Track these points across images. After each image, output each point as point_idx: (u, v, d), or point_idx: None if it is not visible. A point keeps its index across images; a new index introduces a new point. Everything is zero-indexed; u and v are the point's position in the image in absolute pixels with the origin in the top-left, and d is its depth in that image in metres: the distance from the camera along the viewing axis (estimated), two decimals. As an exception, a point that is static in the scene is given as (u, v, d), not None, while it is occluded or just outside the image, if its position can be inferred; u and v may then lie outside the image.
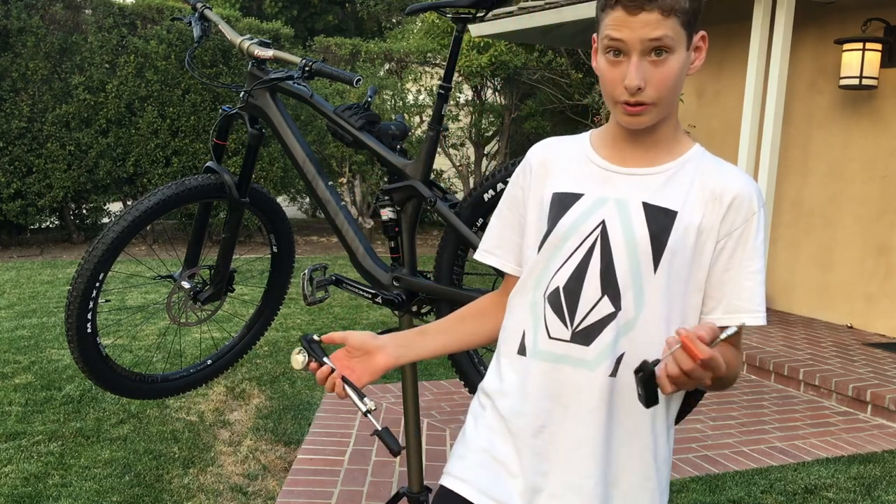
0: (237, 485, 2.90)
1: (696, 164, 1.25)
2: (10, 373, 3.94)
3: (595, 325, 1.21)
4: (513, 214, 1.36)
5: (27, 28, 7.60)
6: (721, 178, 1.23)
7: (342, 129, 2.56)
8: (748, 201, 1.22)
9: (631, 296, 1.20)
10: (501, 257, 1.38)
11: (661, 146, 1.26)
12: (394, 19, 16.38)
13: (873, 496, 3.04)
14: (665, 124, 1.24)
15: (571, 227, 1.25)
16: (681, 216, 1.21)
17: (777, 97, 5.34)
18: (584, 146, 1.32)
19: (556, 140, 1.36)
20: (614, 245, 1.22)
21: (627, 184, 1.24)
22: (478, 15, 2.35)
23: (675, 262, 1.20)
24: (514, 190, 1.37)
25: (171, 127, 8.33)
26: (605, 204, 1.24)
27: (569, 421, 1.23)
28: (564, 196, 1.28)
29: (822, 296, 5.82)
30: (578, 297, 1.22)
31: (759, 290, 1.22)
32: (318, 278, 2.60)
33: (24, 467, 2.92)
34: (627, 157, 1.26)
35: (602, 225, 1.23)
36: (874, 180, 5.47)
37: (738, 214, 1.22)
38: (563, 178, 1.30)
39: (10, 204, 7.72)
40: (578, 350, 1.22)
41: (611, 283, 1.21)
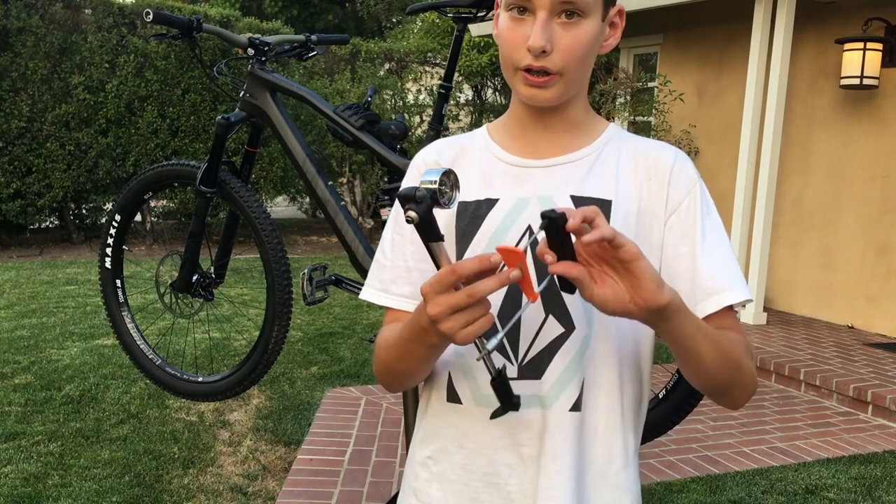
0: (237, 485, 2.89)
1: (616, 143, 1.09)
2: (10, 373, 3.93)
3: (544, 353, 1.02)
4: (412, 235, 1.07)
5: (27, 28, 7.59)
6: (649, 151, 1.08)
7: (342, 128, 2.56)
8: (684, 170, 1.07)
9: (580, 309, 1.02)
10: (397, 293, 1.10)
11: (576, 130, 1.09)
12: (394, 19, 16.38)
13: (874, 496, 3.03)
14: (575, 105, 1.08)
15: (493, 240, 1.03)
16: (616, 204, 1.04)
17: (778, 97, 5.33)
18: (484, 142, 1.12)
19: (447, 141, 1.15)
20: None
21: (548, 177, 1.06)
22: (478, 14, 2.35)
23: None
24: None
25: (171, 127, 8.33)
26: (526, 206, 1.04)
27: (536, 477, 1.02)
28: (475, 204, 1.06)
29: (823, 296, 5.82)
30: (518, 323, 1.03)
31: (725, 262, 1.03)
32: (318, 278, 2.60)
33: (24, 467, 2.91)
34: (540, 148, 1.08)
35: (529, 231, 1.03)
36: (875, 180, 5.46)
37: (678, 188, 1.06)
38: (468, 182, 1.06)
39: (9, 204, 7.72)
40: (531, 386, 1.02)
41: (554, 298, 1.02)
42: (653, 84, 7.11)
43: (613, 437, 1.05)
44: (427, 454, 1.10)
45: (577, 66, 1.01)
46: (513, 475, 1.04)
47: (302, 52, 2.87)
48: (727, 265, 1.03)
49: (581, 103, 1.09)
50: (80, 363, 4.11)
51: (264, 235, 2.68)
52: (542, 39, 0.98)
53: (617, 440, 1.05)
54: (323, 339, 4.83)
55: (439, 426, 1.09)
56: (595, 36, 1.02)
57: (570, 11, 0.99)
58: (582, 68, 1.03)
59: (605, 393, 1.04)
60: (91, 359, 4.19)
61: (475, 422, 1.05)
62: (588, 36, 1.01)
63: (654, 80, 7.08)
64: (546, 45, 0.98)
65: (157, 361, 3.12)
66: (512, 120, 1.11)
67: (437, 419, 1.09)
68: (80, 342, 4.52)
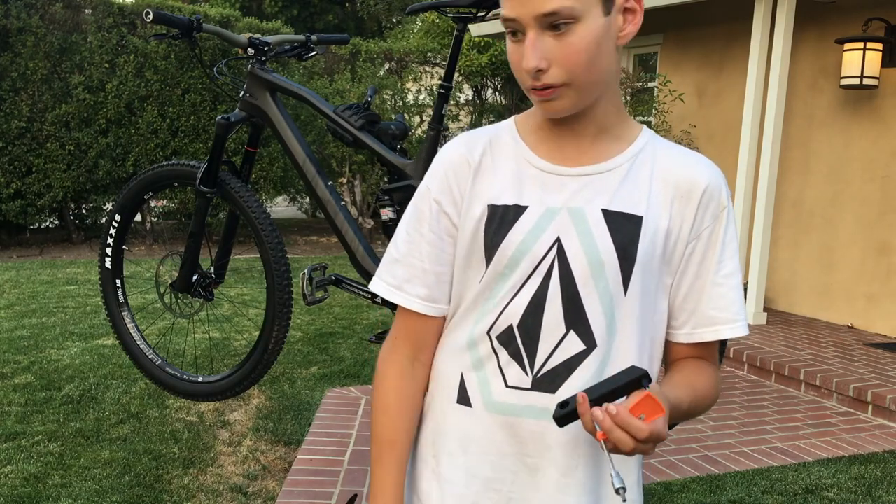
0: (237, 485, 2.89)
1: (651, 152, 1.05)
2: (10, 373, 3.93)
3: (561, 368, 1.00)
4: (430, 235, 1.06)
5: (27, 28, 7.59)
6: (684, 169, 1.03)
7: (342, 128, 2.56)
8: (717, 195, 1.03)
9: (603, 327, 1.00)
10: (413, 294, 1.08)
11: (608, 135, 1.04)
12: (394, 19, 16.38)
13: (874, 496, 3.03)
14: (604, 108, 1.03)
15: (520, 249, 1.01)
16: (647, 221, 1.00)
17: (778, 97, 5.33)
18: (514, 142, 1.07)
19: (475, 135, 1.10)
20: (576, 267, 1.00)
21: (579, 188, 1.02)
22: (478, 14, 2.35)
23: (645, 277, 1.01)
24: (428, 204, 1.07)
25: (171, 127, 8.33)
26: (556, 216, 1.01)
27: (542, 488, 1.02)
28: (504, 209, 1.02)
29: (823, 296, 5.82)
30: (538, 334, 1.00)
31: (735, 295, 1.04)
32: (318, 278, 2.60)
33: (24, 467, 2.91)
34: (570, 154, 1.03)
35: (558, 243, 1.00)
36: (875, 180, 5.46)
37: (706, 211, 1.02)
38: (497, 185, 1.04)
39: (9, 204, 7.72)
40: (542, 399, 1.00)
41: (577, 314, 1.00)
42: (653, 84, 7.11)
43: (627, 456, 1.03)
44: (431, 453, 1.09)
45: (582, 72, 0.96)
46: (516, 483, 1.03)
47: (302, 53, 2.88)
48: (734, 298, 1.04)
49: (610, 105, 1.04)
50: (80, 363, 4.11)
51: (264, 235, 2.68)
52: (534, 60, 0.95)
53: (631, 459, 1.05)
54: (323, 339, 4.83)
55: (445, 426, 1.07)
56: (598, 35, 0.96)
57: (558, 23, 0.94)
58: (590, 73, 0.97)
59: None
60: (91, 359, 4.19)
61: (483, 427, 1.04)
62: (586, 40, 0.95)
63: (654, 80, 7.08)
64: (539, 64, 0.95)
65: (157, 361, 3.13)
66: (541, 120, 1.07)
67: (443, 419, 1.08)
68: (80, 342, 4.52)
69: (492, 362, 1.03)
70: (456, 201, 1.06)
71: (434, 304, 1.08)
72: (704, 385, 1.04)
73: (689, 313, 1.05)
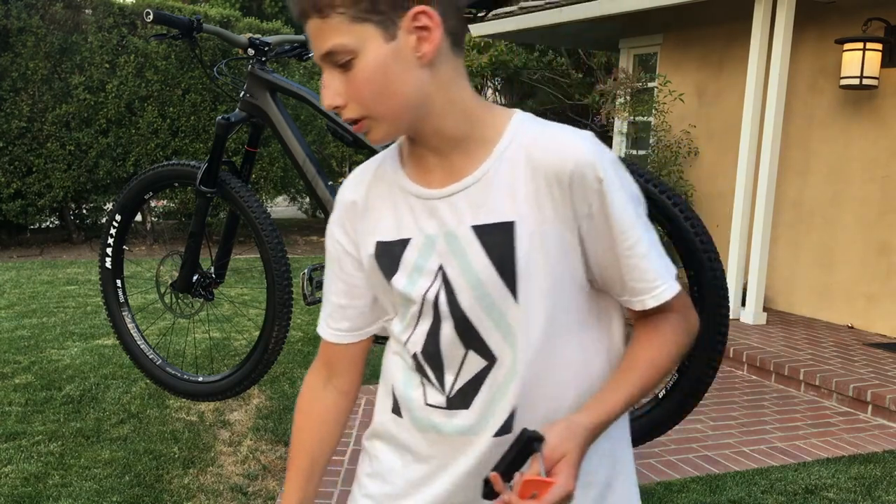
0: (237, 485, 2.90)
1: (517, 146, 0.99)
2: (10, 373, 3.93)
3: (468, 386, 1.03)
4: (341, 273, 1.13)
5: (27, 28, 7.60)
6: (550, 154, 0.97)
7: (342, 128, 2.56)
8: (589, 171, 0.96)
9: (499, 339, 1.01)
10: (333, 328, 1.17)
11: (468, 143, 1.00)
12: (394, 19, 16.37)
13: (874, 496, 3.03)
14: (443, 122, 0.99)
15: (409, 282, 1.04)
16: (519, 224, 0.98)
17: (777, 97, 5.34)
18: (394, 171, 1.07)
19: (363, 171, 1.12)
20: (459, 290, 1.00)
21: (450, 209, 1.00)
22: (478, 15, 2.36)
23: (535, 278, 0.99)
24: (333, 245, 1.13)
25: (171, 127, 8.34)
26: (435, 244, 1.01)
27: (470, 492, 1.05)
28: (390, 246, 1.05)
29: (823, 296, 5.82)
30: (441, 359, 1.04)
31: (647, 263, 1.00)
32: (318, 278, 2.61)
33: (24, 467, 2.92)
34: (438, 175, 1.02)
35: (441, 271, 1.01)
36: (875, 180, 5.46)
37: (582, 192, 0.97)
38: (382, 220, 1.06)
39: (10, 204, 7.72)
40: (462, 416, 1.04)
41: (471, 334, 1.01)
42: (653, 84, 7.11)
43: None
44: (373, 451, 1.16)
45: (374, 103, 0.95)
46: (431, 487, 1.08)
47: (302, 53, 2.88)
48: (647, 267, 1.00)
49: (450, 117, 0.99)
50: (81, 363, 4.11)
51: (264, 235, 2.68)
52: (328, 98, 0.96)
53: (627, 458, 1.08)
54: (323, 339, 4.83)
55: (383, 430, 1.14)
56: (382, 64, 0.93)
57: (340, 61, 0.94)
58: (384, 102, 0.95)
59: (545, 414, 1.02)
60: (91, 359, 4.20)
61: (413, 438, 1.09)
62: (367, 72, 0.93)
63: (654, 80, 7.08)
64: (334, 101, 0.96)
65: (158, 361, 3.13)
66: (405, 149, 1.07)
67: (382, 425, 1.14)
68: (80, 342, 4.52)
69: (416, 379, 1.08)
70: (353, 241, 1.11)
71: (350, 332, 1.16)
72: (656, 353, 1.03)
73: (619, 285, 1.02)
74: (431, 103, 0.97)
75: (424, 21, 0.93)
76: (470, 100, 1.01)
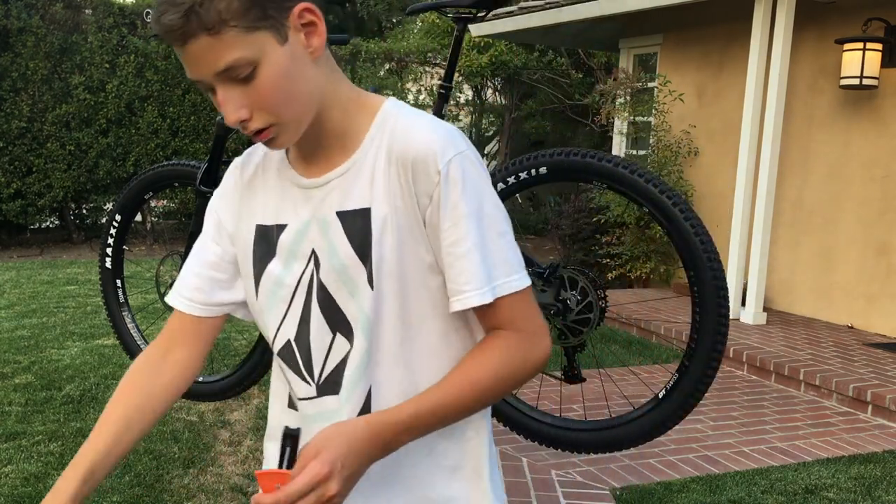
0: (237, 485, 2.90)
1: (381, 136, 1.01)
2: (10, 373, 3.93)
3: (337, 370, 1.04)
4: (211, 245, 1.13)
5: (27, 28, 7.60)
6: (402, 144, 0.99)
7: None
8: (431, 161, 0.97)
9: (360, 323, 1.02)
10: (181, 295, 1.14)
11: (344, 136, 1.03)
12: (394, 19, 16.37)
13: (874, 496, 3.03)
14: (326, 117, 1.02)
15: (284, 266, 1.05)
16: (374, 210, 1.00)
17: (777, 97, 5.34)
18: (281, 160, 1.09)
19: (252, 153, 1.13)
20: (325, 274, 1.03)
21: (324, 195, 1.03)
22: (478, 15, 2.35)
23: (388, 262, 1.00)
24: (212, 216, 1.14)
25: (171, 127, 8.34)
26: (308, 229, 1.04)
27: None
28: (268, 229, 1.07)
29: (823, 296, 5.82)
30: (309, 344, 1.04)
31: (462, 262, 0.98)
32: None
33: (24, 467, 2.92)
34: (320, 165, 1.04)
35: (313, 255, 1.04)
36: (875, 180, 5.47)
37: (425, 180, 0.98)
38: (265, 204, 1.08)
39: (10, 204, 7.72)
40: (331, 402, 1.04)
41: (337, 317, 1.03)
42: (653, 84, 7.11)
43: None
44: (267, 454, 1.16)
45: (285, 108, 0.95)
46: None
47: None
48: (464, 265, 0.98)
49: (332, 112, 1.02)
50: (81, 363, 4.11)
51: None
52: (233, 114, 0.94)
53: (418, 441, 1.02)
54: (323, 339, 4.83)
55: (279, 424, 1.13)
56: (283, 68, 0.94)
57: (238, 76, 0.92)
58: (293, 104, 0.96)
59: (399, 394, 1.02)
60: (91, 359, 4.20)
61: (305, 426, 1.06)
62: (272, 79, 0.93)
63: (654, 80, 7.08)
64: (240, 115, 0.94)
65: None
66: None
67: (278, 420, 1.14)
68: (80, 342, 4.52)
69: (288, 374, 1.08)
70: (233, 216, 1.12)
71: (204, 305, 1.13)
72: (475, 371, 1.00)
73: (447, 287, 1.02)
74: (321, 102, 1.00)
75: (309, 17, 0.95)
76: (348, 90, 1.04)
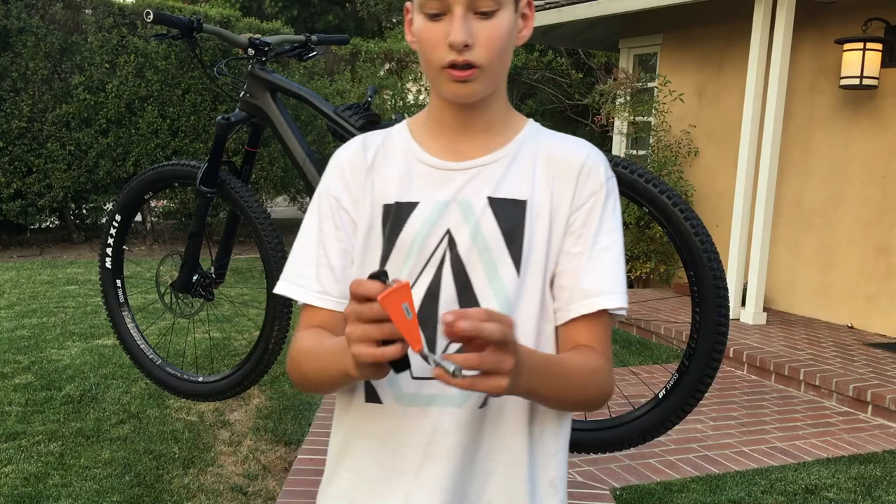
0: (237, 485, 2.90)
1: (533, 142, 1.10)
2: (10, 373, 3.93)
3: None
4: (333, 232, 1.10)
5: (27, 28, 7.60)
6: (563, 151, 1.10)
7: (342, 128, 2.56)
8: (595, 171, 1.08)
9: (495, 307, 1.02)
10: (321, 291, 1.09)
11: (495, 129, 1.10)
12: (394, 19, 16.37)
13: (874, 496, 3.03)
14: (495, 103, 1.09)
15: (413, 243, 1.05)
16: (530, 203, 1.06)
17: (777, 97, 5.34)
18: (404, 141, 1.12)
19: (369, 137, 1.15)
20: (465, 255, 1.04)
21: (467, 179, 1.07)
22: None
23: (536, 255, 1.05)
24: (328, 202, 1.11)
25: (172, 127, 8.33)
26: (446, 209, 1.06)
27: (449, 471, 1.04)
28: (396, 207, 1.07)
29: (823, 296, 5.82)
30: (435, 324, 1.03)
31: (611, 268, 1.05)
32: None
33: (24, 467, 2.92)
34: (461, 149, 1.09)
35: (448, 235, 1.05)
36: (875, 180, 5.47)
37: (584, 187, 1.07)
38: (389, 183, 1.09)
39: (10, 204, 7.72)
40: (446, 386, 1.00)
41: (471, 301, 1.03)
42: (653, 84, 7.11)
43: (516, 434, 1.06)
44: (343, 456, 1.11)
45: (497, 58, 1.03)
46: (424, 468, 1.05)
47: (302, 53, 2.88)
48: (611, 270, 1.06)
49: (501, 101, 1.10)
50: (81, 363, 4.11)
51: (264, 235, 2.68)
52: (463, 34, 0.99)
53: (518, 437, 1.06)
54: (323, 339, 4.83)
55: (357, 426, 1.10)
56: (511, 27, 1.04)
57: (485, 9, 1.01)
58: (501, 61, 1.04)
59: None
60: (91, 359, 4.20)
61: (395, 420, 1.06)
62: (505, 28, 1.02)
63: (654, 80, 7.08)
64: (468, 39, 1.00)
65: (158, 361, 3.13)
66: (432, 119, 1.11)
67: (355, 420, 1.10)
68: (80, 342, 4.52)
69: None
70: (353, 198, 1.11)
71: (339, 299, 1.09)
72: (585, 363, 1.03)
73: (567, 291, 1.06)
74: (503, 81, 1.09)
75: (529, 11, 1.09)
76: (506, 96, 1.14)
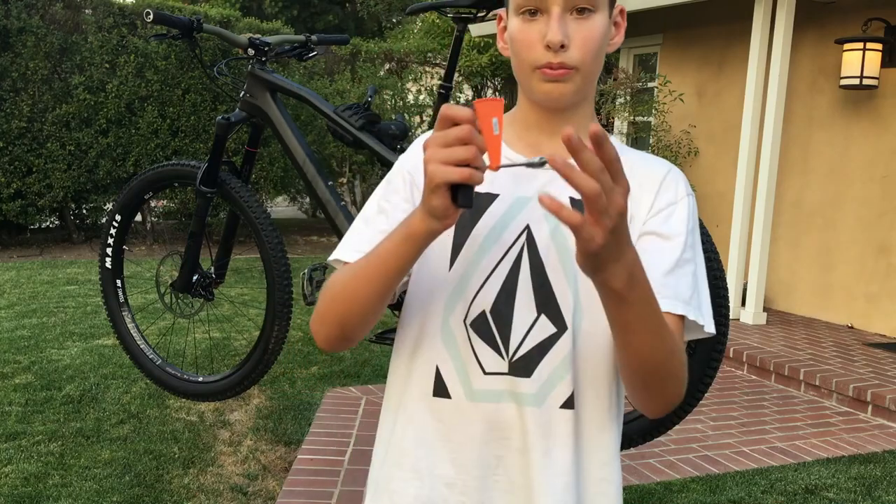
0: (237, 485, 2.90)
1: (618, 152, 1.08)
2: (10, 373, 3.93)
3: (534, 351, 1.03)
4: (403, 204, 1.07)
5: (27, 28, 7.59)
6: (646, 164, 1.10)
7: (342, 128, 2.57)
8: (675, 185, 1.08)
9: (571, 309, 1.02)
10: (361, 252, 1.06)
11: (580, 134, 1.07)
12: (394, 19, 16.37)
13: (874, 496, 3.03)
14: (582, 110, 1.09)
15: (490, 235, 1.04)
16: None
17: (777, 97, 5.34)
18: None
19: None
20: (545, 253, 1.03)
21: (550, 179, 1.04)
22: (478, 15, 2.36)
23: None
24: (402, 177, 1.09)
25: (172, 127, 8.33)
26: (526, 205, 1.05)
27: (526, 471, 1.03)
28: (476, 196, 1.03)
29: (823, 296, 5.82)
30: (511, 320, 1.02)
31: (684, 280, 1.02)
32: (318, 278, 2.60)
33: (24, 467, 2.92)
34: (544, 150, 1.07)
35: (527, 230, 1.04)
36: (875, 180, 5.47)
37: (664, 196, 1.07)
38: None
39: (10, 204, 7.71)
40: (520, 383, 1.02)
41: (548, 299, 1.03)
42: (653, 84, 7.11)
43: (602, 432, 1.06)
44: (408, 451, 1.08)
45: (592, 60, 1.03)
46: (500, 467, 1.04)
47: (302, 53, 2.88)
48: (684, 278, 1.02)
49: (588, 109, 1.10)
50: (81, 363, 4.11)
51: (264, 235, 2.68)
52: (560, 34, 0.99)
53: (605, 435, 1.06)
54: (323, 339, 4.82)
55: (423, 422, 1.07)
56: (605, 31, 1.04)
57: (582, 7, 1.01)
58: (595, 63, 1.04)
59: (594, 389, 1.05)
60: (91, 359, 4.20)
61: (464, 417, 1.04)
62: (601, 30, 1.02)
63: (654, 81, 7.08)
64: (564, 40, 0.99)
65: (158, 361, 3.13)
66: (518, 122, 1.10)
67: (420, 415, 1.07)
68: (80, 342, 4.52)
69: (468, 350, 1.04)
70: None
71: None
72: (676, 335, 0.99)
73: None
74: (593, 88, 1.10)
75: (621, 19, 1.09)
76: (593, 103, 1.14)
